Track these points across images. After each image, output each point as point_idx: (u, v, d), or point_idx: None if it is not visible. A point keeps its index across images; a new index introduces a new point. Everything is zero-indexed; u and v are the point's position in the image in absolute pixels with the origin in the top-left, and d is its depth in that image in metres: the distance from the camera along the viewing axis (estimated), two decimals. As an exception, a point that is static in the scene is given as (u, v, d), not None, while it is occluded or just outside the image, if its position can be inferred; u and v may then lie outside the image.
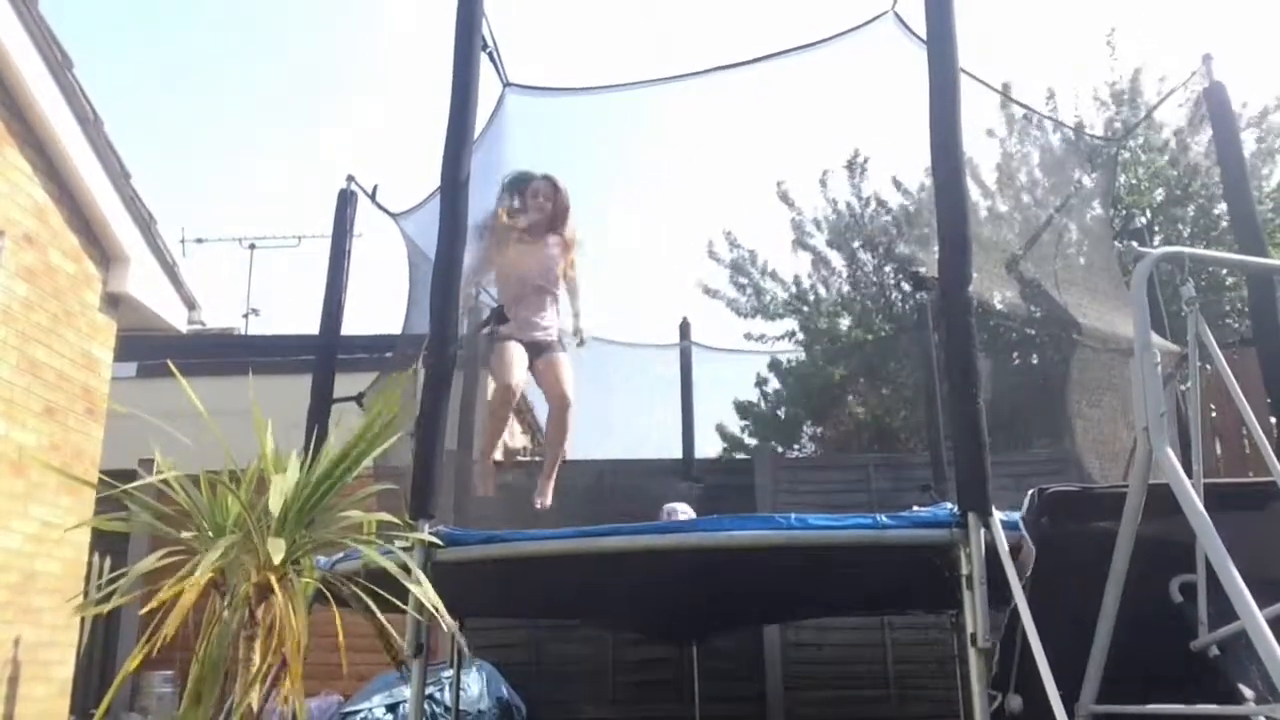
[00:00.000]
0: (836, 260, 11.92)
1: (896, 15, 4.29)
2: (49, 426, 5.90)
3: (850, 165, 11.49)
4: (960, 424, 3.06)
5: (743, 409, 11.79)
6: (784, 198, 11.62)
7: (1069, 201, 7.05)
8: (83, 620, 5.78)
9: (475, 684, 5.82)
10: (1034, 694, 2.62)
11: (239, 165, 32.49)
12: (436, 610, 2.70)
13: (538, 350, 4.94)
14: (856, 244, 11.73)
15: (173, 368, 3.23)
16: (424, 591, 2.72)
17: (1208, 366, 4.03)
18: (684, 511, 5.19)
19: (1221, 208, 9.73)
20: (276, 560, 2.45)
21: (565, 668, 6.78)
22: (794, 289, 11.93)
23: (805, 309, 11.80)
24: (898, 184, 11.22)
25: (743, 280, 12.04)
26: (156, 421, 3.07)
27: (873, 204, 11.62)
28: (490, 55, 4.26)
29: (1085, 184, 7.67)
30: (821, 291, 11.95)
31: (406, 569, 2.89)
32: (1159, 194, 10.22)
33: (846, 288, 11.91)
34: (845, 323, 11.71)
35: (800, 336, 11.91)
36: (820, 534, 3.24)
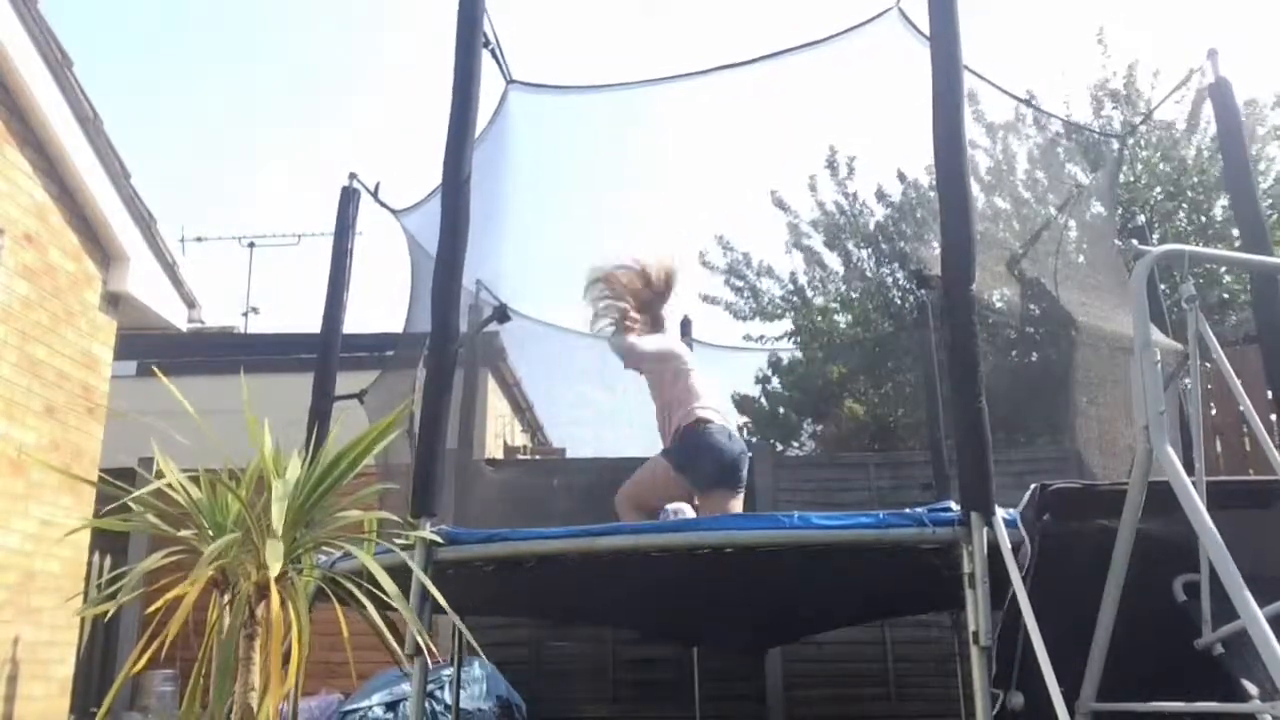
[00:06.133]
0: (834, 261, 11.92)
1: (901, 11, 4.29)
2: (49, 425, 5.90)
3: (831, 164, 11.46)
4: (963, 423, 3.06)
5: (742, 407, 11.79)
6: (779, 203, 11.63)
7: (1071, 200, 7.06)
8: (83, 620, 5.78)
9: (475, 683, 5.81)
10: (1035, 691, 2.62)
11: (239, 165, 32.49)
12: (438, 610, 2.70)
13: None
14: (851, 243, 11.72)
15: (158, 372, 3.20)
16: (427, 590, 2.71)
17: (1208, 364, 4.03)
18: (684, 510, 5.18)
19: (1217, 205, 9.74)
20: (275, 562, 2.45)
21: (565, 667, 6.78)
22: (790, 285, 11.91)
23: (802, 305, 11.79)
24: (905, 177, 11.19)
25: (739, 283, 12.04)
26: (148, 421, 3.06)
27: (869, 201, 11.63)
28: (493, 52, 4.24)
29: (1084, 182, 7.68)
30: (818, 290, 11.93)
31: (405, 569, 2.88)
32: (1157, 192, 10.23)
33: (844, 286, 11.90)
34: (842, 321, 11.70)
35: (798, 338, 11.91)
36: (822, 533, 3.24)
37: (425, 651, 3.18)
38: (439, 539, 3.30)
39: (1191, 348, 2.69)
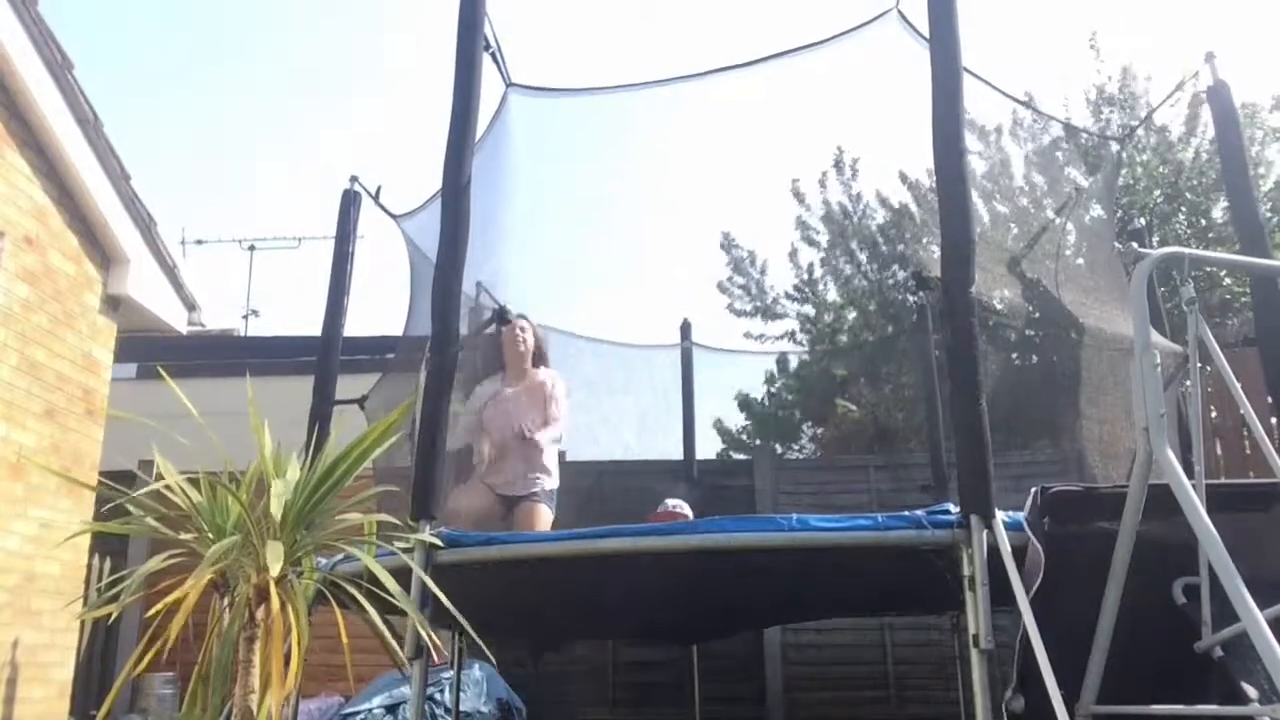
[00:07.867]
0: (839, 261, 11.94)
1: (900, 14, 4.29)
2: (49, 428, 5.89)
3: (838, 164, 11.47)
4: (963, 426, 3.05)
5: (742, 409, 11.78)
6: (797, 194, 11.59)
7: (1070, 202, 7.06)
8: (82, 622, 5.77)
9: (475, 685, 5.80)
10: (1035, 693, 2.62)
11: (239, 166, 32.48)
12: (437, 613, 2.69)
13: (516, 500, 4.78)
14: (854, 243, 11.73)
15: (162, 372, 3.21)
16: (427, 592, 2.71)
17: (1208, 367, 4.02)
18: (682, 506, 5.19)
19: (1215, 208, 9.73)
20: (275, 564, 2.44)
21: (565, 668, 6.77)
22: (805, 276, 11.91)
23: (813, 298, 11.81)
24: (906, 177, 11.16)
25: (742, 280, 12.07)
26: (148, 424, 3.06)
27: (868, 203, 11.62)
28: (493, 55, 4.25)
29: (1084, 185, 7.68)
30: (831, 288, 11.95)
31: (404, 572, 2.87)
32: (1157, 195, 10.22)
33: (852, 282, 11.91)
34: (851, 316, 11.70)
35: (800, 336, 11.92)
36: (821, 535, 3.23)
37: (426, 653, 3.18)
38: (438, 541, 3.30)
39: (1191, 350, 2.70)
